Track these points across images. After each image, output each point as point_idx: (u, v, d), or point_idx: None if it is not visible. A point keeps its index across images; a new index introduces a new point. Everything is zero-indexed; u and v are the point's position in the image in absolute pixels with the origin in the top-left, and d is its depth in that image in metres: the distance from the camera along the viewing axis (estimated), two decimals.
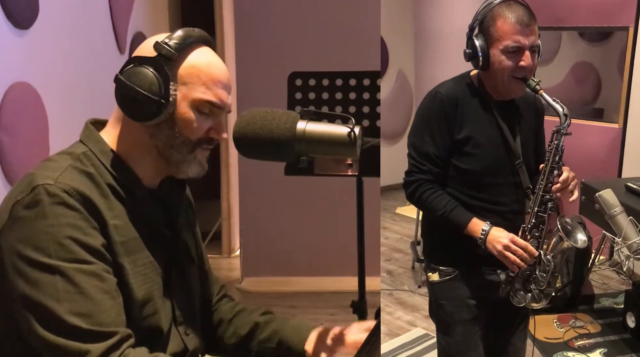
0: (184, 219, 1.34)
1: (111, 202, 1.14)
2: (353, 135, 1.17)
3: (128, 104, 1.14)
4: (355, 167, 2.11)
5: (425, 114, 1.89)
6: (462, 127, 1.84)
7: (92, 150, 1.17)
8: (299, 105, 2.18)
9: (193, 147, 1.20)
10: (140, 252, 1.17)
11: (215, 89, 1.19)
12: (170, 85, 1.14)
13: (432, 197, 1.86)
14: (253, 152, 1.23)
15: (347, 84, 2.19)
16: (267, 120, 1.19)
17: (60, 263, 1.04)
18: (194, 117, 1.18)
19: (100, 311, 1.05)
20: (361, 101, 2.19)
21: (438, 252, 2.00)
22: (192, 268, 1.35)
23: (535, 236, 1.82)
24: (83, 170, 1.13)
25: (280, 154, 1.21)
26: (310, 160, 2.07)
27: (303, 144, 1.18)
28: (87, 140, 1.20)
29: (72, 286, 1.04)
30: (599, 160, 4.20)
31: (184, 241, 1.33)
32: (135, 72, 1.13)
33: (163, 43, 1.14)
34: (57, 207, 1.05)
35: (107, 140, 1.20)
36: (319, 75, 2.20)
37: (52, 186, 1.07)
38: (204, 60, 1.19)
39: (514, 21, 1.74)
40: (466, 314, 1.95)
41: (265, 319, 1.41)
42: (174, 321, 1.26)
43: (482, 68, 1.82)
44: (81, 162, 1.14)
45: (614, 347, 3.17)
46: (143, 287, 1.16)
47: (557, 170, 1.79)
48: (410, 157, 1.91)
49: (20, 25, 2.27)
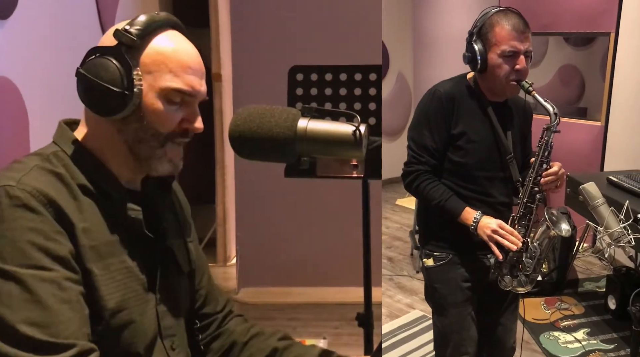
0: (171, 223, 1.34)
1: (82, 204, 1.13)
2: (358, 134, 1.16)
3: (91, 98, 1.13)
4: (360, 168, 2.11)
5: (424, 110, 2.18)
6: (457, 123, 2.14)
7: (63, 150, 1.17)
8: (300, 102, 2.18)
9: (164, 141, 1.19)
10: (114, 257, 1.16)
11: (185, 75, 1.17)
12: (133, 76, 1.13)
13: (429, 187, 2.16)
14: (250, 153, 1.23)
15: (352, 79, 2.19)
16: (265, 118, 1.18)
17: (17, 269, 1.02)
18: (163, 108, 1.16)
19: (58, 321, 1.03)
20: (367, 97, 2.19)
21: (432, 239, 2.29)
22: (180, 278, 1.34)
23: (523, 224, 2.14)
24: (51, 171, 1.12)
25: (279, 154, 1.21)
26: (312, 161, 2.05)
27: (304, 143, 1.18)
28: (59, 140, 1.20)
29: (28, 293, 1.01)
30: (583, 155, 4.85)
31: (170, 246, 1.32)
32: (95, 63, 1.12)
33: (123, 30, 1.13)
34: (17, 210, 1.04)
35: (81, 139, 1.20)
36: (322, 70, 2.19)
37: (14, 187, 1.06)
38: (169, 45, 1.17)
39: (510, 28, 2.04)
40: (459, 297, 2.25)
41: (284, 344, 1.40)
42: (159, 333, 1.25)
43: (480, 70, 2.11)
44: (50, 162, 1.14)
45: (596, 327, 3.71)
46: (116, 295, 1.14)
47: (546, 165, 2.10)
48: (410, 149, 2.21)
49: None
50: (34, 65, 2.51)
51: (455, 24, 5.92)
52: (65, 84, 2.80)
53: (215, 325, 1.46)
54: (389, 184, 6.75)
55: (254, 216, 4.28)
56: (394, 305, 4.14)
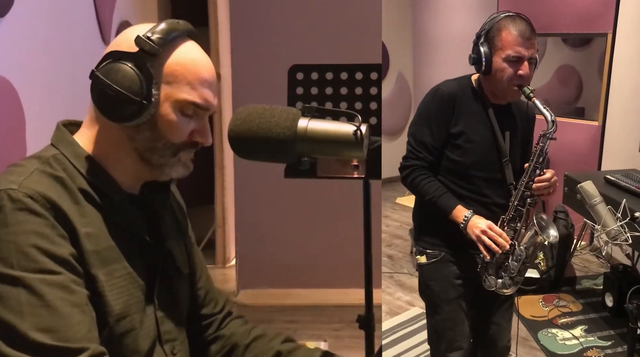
0: (170, 226, 1.34)
1: (84, 209, 1.13)
2: (359, 134, 1.16)
3: (105, 103, 1.13)
4: (361, 168, 2.11)
5: (426, 108, 2.27)
6: (457, 122, 2.21)
7: (63, 154, 1.17)
8: (301, 101, 2.18)
9: (176, 151, 1.20)
10: (116, 263, 1.16)
11: (201, 89, 1.18)
12: (152, 85, 1.13)
13: (423, 182, 2.25)
14: (250, 153, 1.23)
15: (353, 78, 2.18)
16: (265, 117, 1.18)
17: (24, 274, 1.02)
18: (176, 119, 1.17)
19: (68, 325, 1.03)
20: (368, 97, 2.18)
21: (426, 236, 2.38)
22: (180, 280, 1.34)
23: (512, 227, 2.20)
24: (52, 175, 1.12)
25: (279, 154, 1.21)
26: (313, 161, 2.05)
27: (305, 143, 1.18)
28: (58, 143, 1.19)
29: (36, 298, 1.01)
30: (581, 154, 4.99)
31: (170, 250, 1.32)
32: (114, 69, 1.12)
33: (145, 37, 1.13)
34: (20, 214, 1.04)
35: (82, 142, 1.19)
36: (323, 68, 2.19)
37: (16, 190, 1.05)
38: (189, 57, 1.18)
39: (517, 34, 2.10)
40: (452, 293, 2.33)
41: (288, 347, 1.40)
42: (159, 338, 1.25)
43: (484, 72, 2.18)
44: (50, 166, 1.13)
45: (594, 324, 3.82)
46: (120, 301, 1.15)
47: (539, 170, 2.16)
48: (409, 145, 2.30)
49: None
50: (30, 64, 2.51)
51: (455, 25, 6.05)
52: (63, 83, 2.81)
53: (215, 326, 1.46)
54: (389, 183, 6.92)
55: (254, 217, 4.28)
56: (394, 302, 4.27)
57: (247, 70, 4.09)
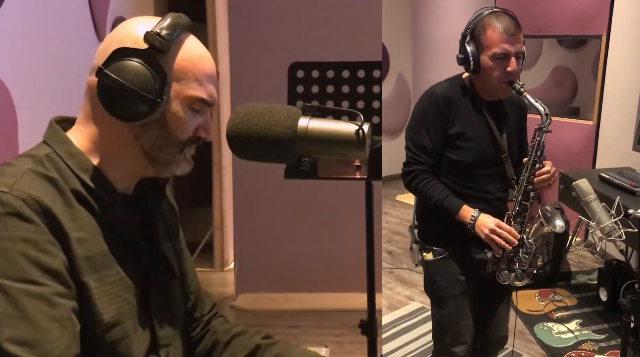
0: (163, 228, 1.34)
1: (76, 212, 1.12)
2: (361, 134, 1.16)
3: (114, 101, 1.12)
4: (363, 169, 2.11)
5: (422, 112, 2.34)
6: (454, 123, 2.29)
7: (56, 152, 1.15)
8: (301, 100, 2.18)
9: (182, 147, 1.20)
10: (109, 268, 1.15)
11: (207, 84, 1.20)
12: (165, 83, 1.13)
13: (427, 186, 2.32)
14: (249, 153, 1.22)
15: (355, 76, 2.18)
16: (264, 116, 1.18)
17: (7, 282, 1.00)
18: (184, 115, 1.18)
19: (46, 340, 1.01)
20: (370, 95, 2.18)
21: (431, 235, 2.49)
22: (174, 284, 1.34)
23: (518, 221, 2.30)
24: (45, 175, 1.11)
25: (279, 154, 1.20)
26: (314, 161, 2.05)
27: (305, 143, 1.18)
28: (51, 140, 1.18)
29: (15, 309, 0.99)
30: (576, 153, 5.24)
31: (164, 252, 1.32)
32: (125, 66, 1.11)
33: (154, 33, 1.13)
34: (10, 219, 1.02)
35: (76, 140, 1.18)
36: (323, 66, 2.19)
37: (6, 193, 1.04)
38: (196, 53, 1.19)
39: (501, 31, 2.17)
40: (457, 289, 2.44)
41: (267, 342, 1.41)
42: (154, 344, 1.24)
43: (473, 71, 2.26)
44: (43, 165, 1.12)
45: (588, 318, 4.02)
46: (111, 308, 1.14)
47: (538, 164, 2.26)
48: (408, 150, 2.38)
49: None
50: (22, 60, 2.51)
51: (454, 26, 6.09)
52: (55, 81, 2.81)
53: (200, 328, 1.47)
54: (389, 181, 7.16)
55: (253, 219, 4.27)
56: (394, 297, 4.45)
57: (246, 68, 4.08)
